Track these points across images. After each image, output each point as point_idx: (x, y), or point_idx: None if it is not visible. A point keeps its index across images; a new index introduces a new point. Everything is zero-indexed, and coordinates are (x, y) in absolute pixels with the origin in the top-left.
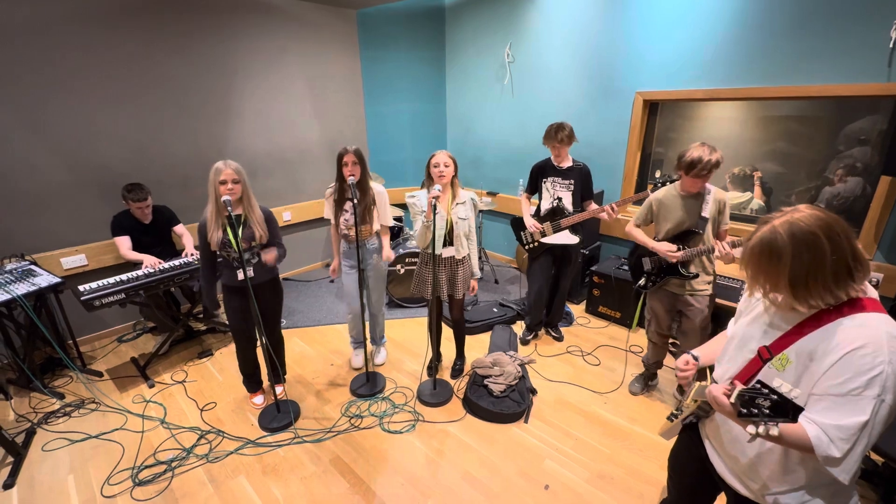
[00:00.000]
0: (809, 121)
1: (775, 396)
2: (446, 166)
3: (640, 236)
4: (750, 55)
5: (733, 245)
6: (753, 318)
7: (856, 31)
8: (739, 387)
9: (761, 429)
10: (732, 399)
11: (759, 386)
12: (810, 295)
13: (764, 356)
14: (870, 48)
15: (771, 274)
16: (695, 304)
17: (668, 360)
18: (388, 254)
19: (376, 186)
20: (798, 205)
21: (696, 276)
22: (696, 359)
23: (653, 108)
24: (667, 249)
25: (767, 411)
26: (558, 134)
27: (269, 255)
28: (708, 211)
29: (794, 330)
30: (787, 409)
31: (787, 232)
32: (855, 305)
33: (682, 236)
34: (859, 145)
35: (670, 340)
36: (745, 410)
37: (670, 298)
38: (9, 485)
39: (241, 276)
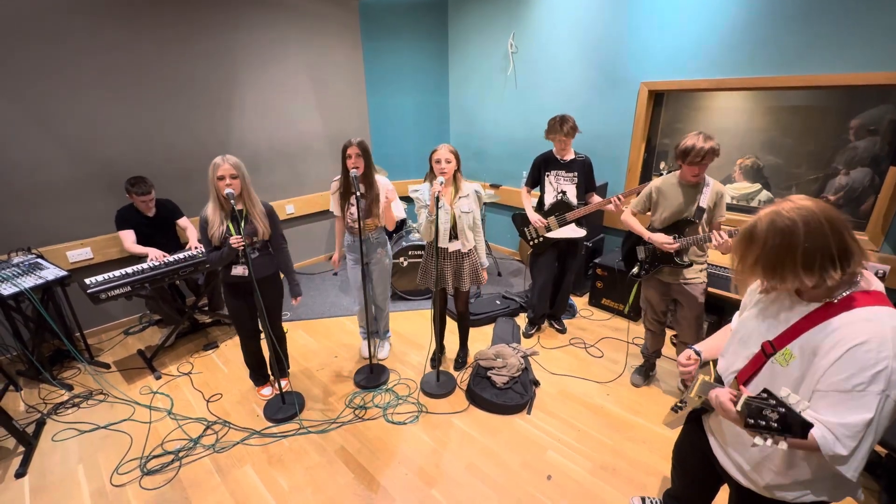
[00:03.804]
0: (817, 111)
1: (783, 409)
2: (447, 162)
3: (636, 225)
4: (757, 44)
5: (731, 235)
6: (757, 312)
7: (865, 18)
8: (746, 395)
9: (769, 442)
10: (738, 407)
11: (765, 396)
12: (782, 279)
13: (767, 351)
14: (879, 36)
15: (746, 256)
16: (689, 293)
17: (670, 350)
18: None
19: (382, 180)
20: (793, 195)
21: (690, 264)
22: (698, 354)
23: (658, 98)
24: (663, 241)
25: (775, 424)
26: (563, 126)
27: (295, 301)
28: (706, 201)
29: (797, 325)
30: (795, 424)
31: (767, 220)
32: (859, 299)
33: (679, 225)
34: (868, 135)
35: (671, 333)
36: (752, 421)
37: (664, 287)
38: (20, 474)
39: (235, 271)
